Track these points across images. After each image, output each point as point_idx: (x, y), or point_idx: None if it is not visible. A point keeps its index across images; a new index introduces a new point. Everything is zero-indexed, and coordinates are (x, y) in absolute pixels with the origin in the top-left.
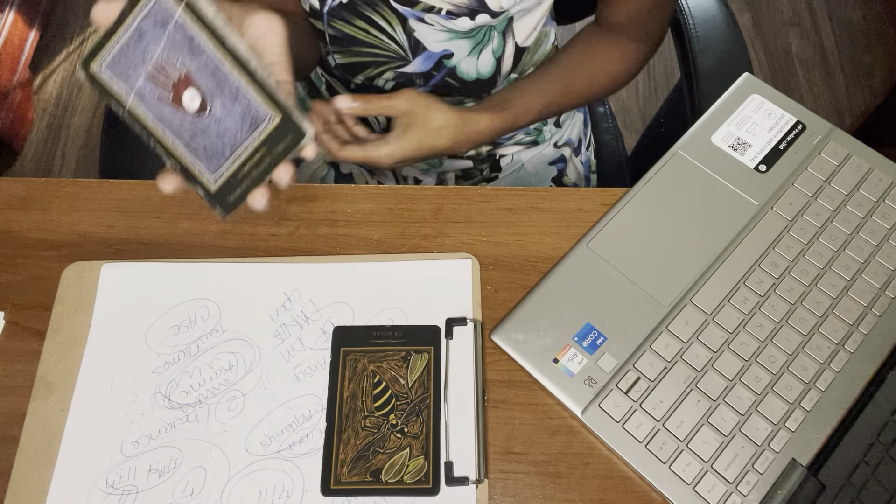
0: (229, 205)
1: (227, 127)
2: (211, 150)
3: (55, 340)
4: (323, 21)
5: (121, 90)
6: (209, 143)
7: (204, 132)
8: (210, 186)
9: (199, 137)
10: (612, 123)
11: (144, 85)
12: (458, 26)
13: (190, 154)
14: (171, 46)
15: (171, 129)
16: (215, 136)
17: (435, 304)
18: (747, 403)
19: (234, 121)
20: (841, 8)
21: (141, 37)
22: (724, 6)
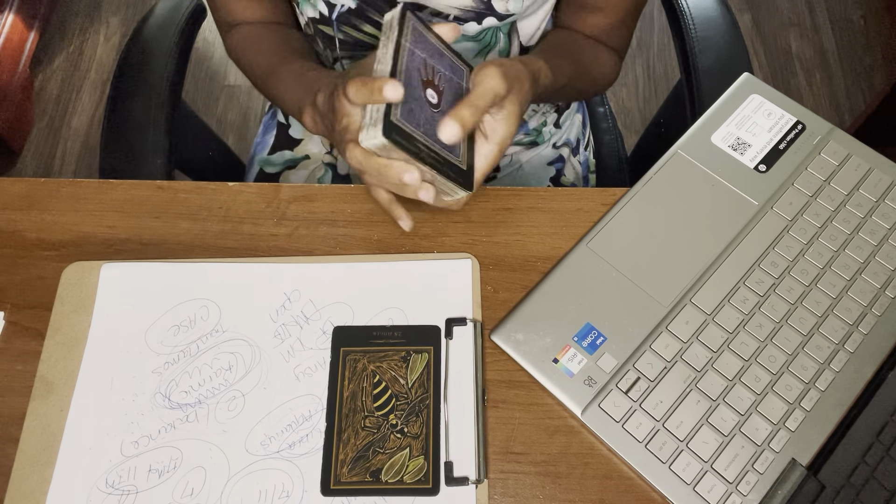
0: (471, 181)
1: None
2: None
3: (55, 340)
4: (333, 27)
5: (411, 129)
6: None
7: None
8: (462, 166)
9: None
10: (611, 123)
11: (418, 108)
12: (465, 30)
13: (439, 147)
14: (426, 57)
15: (427, 133)
16: None
17: (435, 304)
18: (747, 403)
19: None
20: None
21: (409, 73)
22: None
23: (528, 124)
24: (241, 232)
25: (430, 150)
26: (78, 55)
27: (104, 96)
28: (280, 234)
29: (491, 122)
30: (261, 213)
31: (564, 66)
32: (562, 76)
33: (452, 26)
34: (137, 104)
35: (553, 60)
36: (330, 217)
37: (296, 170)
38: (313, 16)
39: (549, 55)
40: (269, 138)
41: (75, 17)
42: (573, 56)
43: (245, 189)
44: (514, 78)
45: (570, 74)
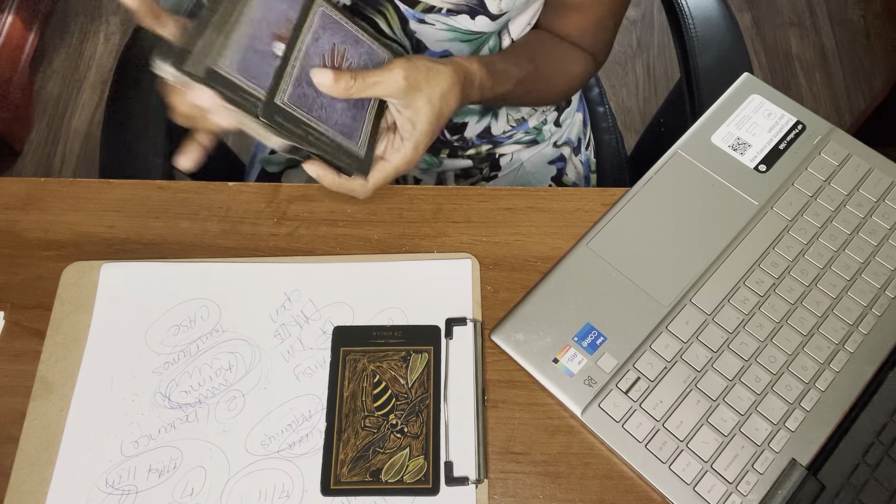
0: (368, 168)
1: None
2: (347, 126)
3: (55, 340)
4: None
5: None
6: (343, 120)
7: (340, 110)
8: (359, 151)
9: (336, 115)
10: (611, 123)
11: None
12: (458, 24)
13: (335, 133)
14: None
15: (320, 118)
16: (351, 110)
17: (435, 304)
18: (747, 403)
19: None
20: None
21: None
22: (724, 6)
23: (527, 122)
24: (241, 232)
25: (320, 133)
26: (78, 55)
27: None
28: (280, 234)
29: (400, 119)
30: (261, 213)
31: (514, 70)
32: (507, 80)
33: (325, 74)
34: (137, 104)
35: (500, 63)
36: (330, 217)
37: (297, 169)
38: None
39: (500, 58)
40: None
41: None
42: (533, 59)
43: (245, 189)
44: (422, 77)
45: (522, 78)
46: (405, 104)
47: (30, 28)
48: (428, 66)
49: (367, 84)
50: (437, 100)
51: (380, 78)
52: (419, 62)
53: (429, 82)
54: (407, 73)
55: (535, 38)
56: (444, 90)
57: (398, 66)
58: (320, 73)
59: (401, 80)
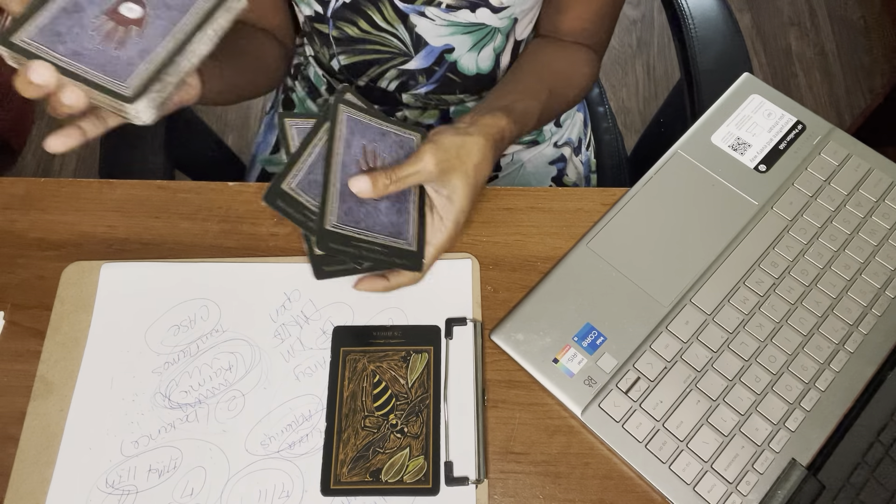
0: (421, 259)
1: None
2: (394, 224)
3: (55, 340)
4: (328, 24)
5: (350, 230)
6: (390, 219)
7: (385, 210)
8: (410, 247)
9: (382, 216)
10: (612, 123)
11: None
12: (458, 19)
13: (385, 238)
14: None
15: (369, 227)
16: (395, 205)
17: (435, 304)
18: (747, 403)
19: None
20: (841, 8)
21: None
22: (724, 6)
23: None
24: (241, 232)
25: (371, 243)
26: None
27: None
28: (280, 234)
29: (438, 199)
30: (261, 213)
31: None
32: (531, 119)
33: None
34: None
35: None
36: None
37: None
38: (309, 14)
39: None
40: (270, 138)
41: None
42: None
43: (245, 189)
44: (454, 156)
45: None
46: (441, 185)
47: None
48: (458, 144)
49: (401, 178)
50: (471, 173)
51: (413, 169)
52: (447, 141)
53: (461, 159)
54: (437, 157)
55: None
56: (478, 162)
57: (428, 152)
58: (357, 182)
59: (432, 166)
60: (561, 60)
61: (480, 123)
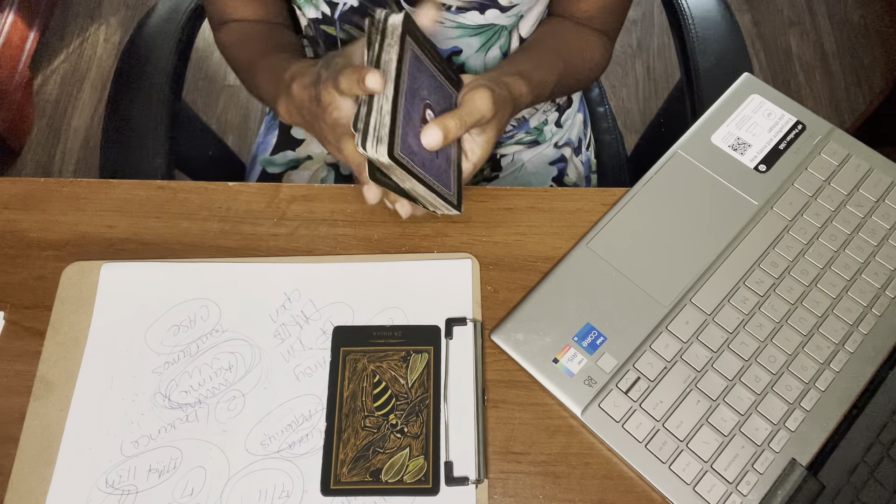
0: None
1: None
2: (439, 172)
3: (55, 340)
4: (336, 26)
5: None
6: (437, 166)
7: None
8: (454, 200)
9: (430, 164)
10: (612, 123)
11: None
12: (467, 20)
13: (433, 180)
14: (426, 88)
15: (424, 167)
16: (441, 159)
17: (435, 304)
18: (747, 403)
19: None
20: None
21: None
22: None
23: (528, 123)
24: (241, 232)
25: (426, 184)
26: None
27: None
28: (280, 234)
29: (470, 142)
30: (261, 213)
31: (550, 77)
32: (545, 88)
33: (432, 7)
34: (137, 104)
35: (538, 74)
36: (330, 217)
37: (298, 170)
38: (315, 16)
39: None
40: (271, 138)
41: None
42: (561, 56)
43: (245, 189)
44: (501, 103)
45: (555, 80)
46: (480, 129)
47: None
48: (503, 94)
49: (467, 123)
50: (502, 125)
51: (478, 116)
52: (497, 90)
53: (503, 109)
54: (492, 103)
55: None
56: (507, 114)
57: (488, 99)
58: (429, 133)
59: (490, 113)
60: (576, 38)
61: (505, 82)
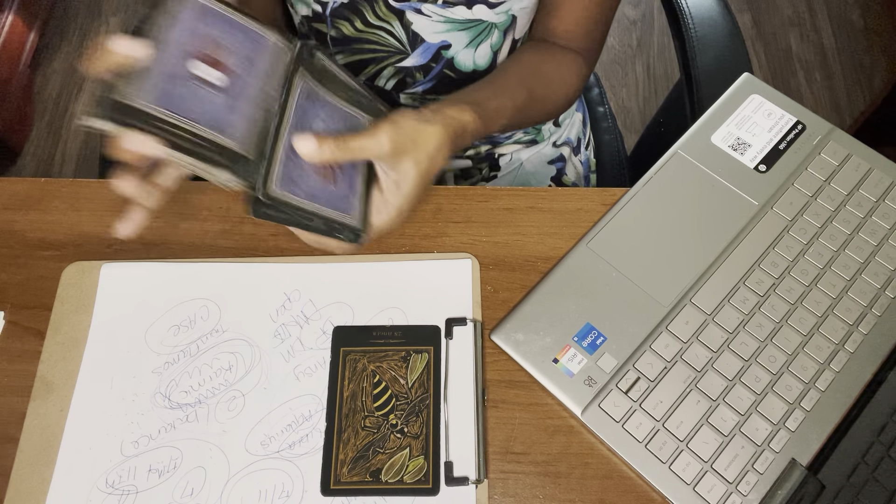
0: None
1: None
2: (342, 197)
3: (55, 340)
4: (327, 23)
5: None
6: (339, 189)
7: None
8: (355, 226)
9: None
10: (611, 123)
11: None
12: (455, 14)
13: (328, 210)
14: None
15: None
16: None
17: (435, 304)
18: (747, 403)
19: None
20: (841, 8)
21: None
22: (724, 6)
23: None
24: (241, 232)
25: (309, 213)
26: (78, 55)
27: None
28: (280, 233)
29: (386, 181)
30: None
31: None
32: (502, 116)
33: (308, 140)
34: None
35: (494, 101)
36: None
37: None
38: (307, 14)
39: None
40: None
41: (75, 17)
42: (525, 84)
43: None
44: (409, 140)
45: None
46: (390, 166)
47: (30, 28)
48: (415, 129)
49: (350, 149)
50: (424, 161)
51: (364, 143)
52: (406, 123)
53: (416, 145)
54: (393, 137)
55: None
56: (432, 151)
57: (383, 130)
58: (303, 140)
59: (386, 144)
60: (547, 66)
61: (443, 114)
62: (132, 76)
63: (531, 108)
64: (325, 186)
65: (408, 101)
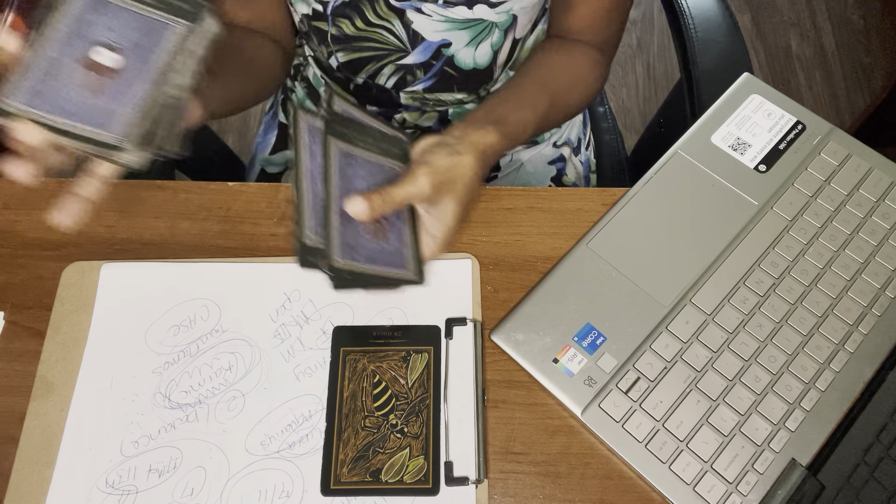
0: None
1: None
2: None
3: (55, 340)
4: (328, 22)
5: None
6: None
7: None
8: (412, 277)
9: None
10: (611, 123)
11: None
12: (455, 14)
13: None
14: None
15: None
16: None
17: (435, 304)
18: (747, 403)
19: None
20: (841, 8)
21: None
22: (724, 6)
23: None
24: (241, 232)
25: (376, 276)
26: None
27: None
28: (280, 234)
29: (429, 219)
30: (261, 213)
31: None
32: (525, 130)
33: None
34: None
35: (517, 114)
36: None
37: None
38: (307, 12)
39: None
40: (270, 138)
41: None
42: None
43: (245, 189)
44: (446, 179)
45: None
46: (432, 205)
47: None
48: (449, 165)
49: (394, 199)
50: (462, 193)
51: (408, 190)
52: (438, 162)
53: (453, 181)
54: (431, 179)
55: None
56: (468, 182)
57: (422, 174)
58: (354, 203)
59: (426, 187)
60: (566, 66)
61: (470, 141)
62: (12, 72)
63: (553, 114)
64: (378, 246)
65: (408, 101)
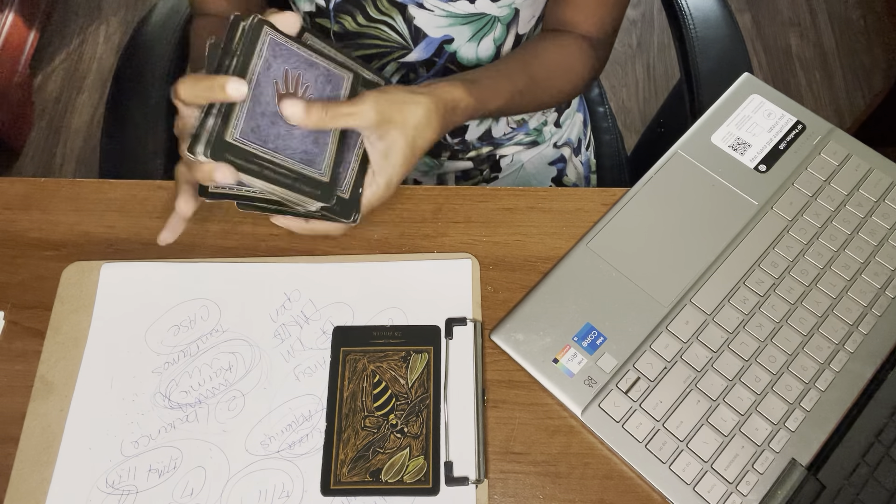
0: (351, 210)
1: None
2: (308, 153)
3: (55, 340)
4: (330, 18)
5: (254, 147)
6: (305, 147)
7: (299, 138)
8: (322, 179)
9: (295, 143)
10: (611, 123)
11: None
12: (457, 9)
13: (294, 162)
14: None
15: (277, 148)
16: (311, 136)
17: (435, 304)
18: (747, 403)
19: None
20: (841, 8)
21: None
22: (724, 6)
23: (527, 125)
24: (241, 232)
25: (278, 166)
26: (78, 55)
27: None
28: (280, 234)
29: (374, 153)
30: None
31: (505, 84)
32: (498, 96)
33: (291, 15)
34: (137, 104)
35: (489, 80)
36: None
37: None
38: (310, 10)
39: (489, 73)
40: None
41: (75, 17)
42: (528, 69)
43: None
44: (396, 110)
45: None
46: (378, 136)
47: (30, 28)
48: (402, 99)
49: (337, 115)
50: (411, 132)
51: (351, 110)
52: (394, 94)
53: (403, 115)
54: (379, 105)
55: (529, 44)
56: (419, 122)
57: (370, 98)
58: (291, 105)
59: (372, 112)
60: (552, 51)
61: (434, 88)
62: (234, 115)
63: (533, 92)
64: (288, 141)
65: None
